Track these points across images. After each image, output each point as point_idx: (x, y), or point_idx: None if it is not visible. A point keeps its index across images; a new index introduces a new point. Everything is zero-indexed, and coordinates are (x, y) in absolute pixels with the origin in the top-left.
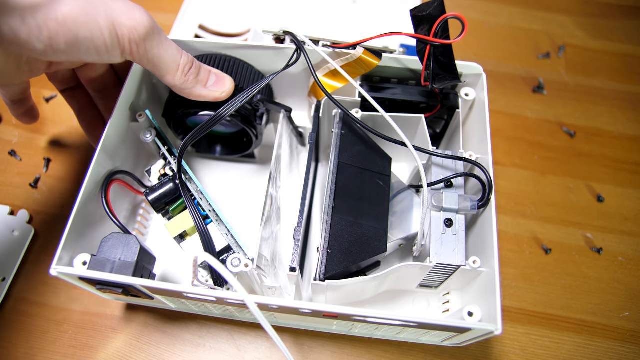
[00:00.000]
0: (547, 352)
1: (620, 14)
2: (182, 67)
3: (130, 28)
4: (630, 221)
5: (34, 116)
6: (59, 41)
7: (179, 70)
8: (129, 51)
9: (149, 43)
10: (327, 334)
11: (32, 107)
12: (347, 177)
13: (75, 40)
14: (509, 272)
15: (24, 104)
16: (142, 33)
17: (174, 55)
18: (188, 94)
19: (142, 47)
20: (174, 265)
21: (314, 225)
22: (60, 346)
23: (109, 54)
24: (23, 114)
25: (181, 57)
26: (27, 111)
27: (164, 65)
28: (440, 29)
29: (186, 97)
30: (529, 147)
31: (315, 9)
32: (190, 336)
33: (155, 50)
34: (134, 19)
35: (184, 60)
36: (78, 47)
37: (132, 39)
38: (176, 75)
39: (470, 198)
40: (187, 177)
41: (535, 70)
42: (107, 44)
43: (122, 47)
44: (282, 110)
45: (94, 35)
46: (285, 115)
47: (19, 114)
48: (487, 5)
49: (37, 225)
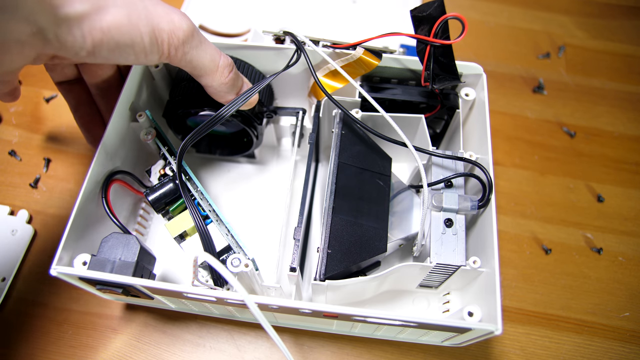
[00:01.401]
0: (547, 352)
1: (620, 14)
2: (221, 69)
3: (169, 32)
4: (630, 221)
5: (16, 96)
6: (102, 49)
7: (218, 71)
8: (167, 54)
9: (187, 46)
10: (327, 334)
11: (16, 87)
12: (347, 177)
13: (117, 47)
14: (509, 272)
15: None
16: (181, 37)
17: (212, 57)
18: (221, 97)
19: (181, 50)
20: (174, 265)
21: (314, 225)
22: (60, 346)
23: (146, 57)
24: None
25: (220, 59)
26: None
27: (202, 66)
28: (440, 29)
29: (218, 100)
30: (529, 147)
31: (315, 9)
32: (190, 336)
33: (193, 52)
34: (172, 22)
35: (223, 62)
36: (119, 52)
37: (171, 44)
38: (215, 76)
39: (470, 198)
40: (187, 177)
41: (535, 70)
42: (146, 49)
43: (161, 51)
44: (300, 111)
45: (135, 42)
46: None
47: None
48: (487, 5)
49: (37, 225)
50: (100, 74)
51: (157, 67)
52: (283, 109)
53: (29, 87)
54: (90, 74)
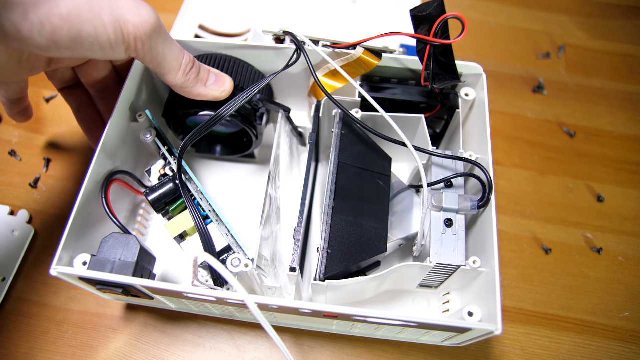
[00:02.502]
0: (547, 352)
1: (620, 14)
2: (184, 67)
3: (136, 25)
4: (630, 221)
5: (29, 116)
6: (62, 36)
7: (181, 69)
8: (133, 48)
9: (154, 41)
10: (327, 334)
11: (27, 106)
12: (347, 177)
13: (79, 36)
14: (509, 272)
15: (20, 103)
16: (148, 30)
17: (177, 55)
18: (188, 93)
19: (147, 44)
20: (174, 265)
21: (314, 225)
22: (60, 346)
23: (112, 50)
24: (18, 113)
25: (184, 57)
26: (22, 110)
27: (167, 64)
28: (440, 29)
29: (186, 96)
30: (529, 147)
31: (315, 9)
32: (190, 336)
33: (159, 48)
34: (140, 16)
35: (186, 59)
36: (82, 43)
37: (137, 36)
38: (178, 74)
39: (470, 198)
40: (187, 177)
41: (535, 70)
42: (111, 40)
43: (127, 43)
44: (280, 110)
45: (98, 32)
46: (283, 115)
47: (14, 112)
48: (487, 5)
49: (37, 225)
50: (94, 75)
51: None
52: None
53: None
54: (85, 76)
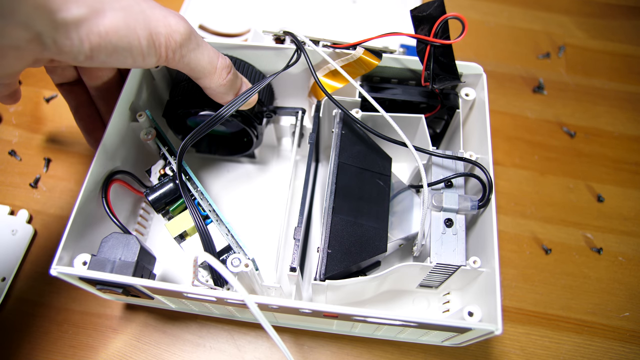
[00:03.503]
0: (547, 352)
1: (620, 14)
2: (219, 71)
3: (166, 36)
4: (630, 221)
5: (17, 98)
6: (100, 53)
7: (216, 73)
8: (164, 58)
9: (185, 49)
10: (327, 334)
11: (16, 89)
12: (347, 177)
13: (115, 51)
14: (509, 272)
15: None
16: (178, 40)
17: (210, 59)
18: (220, 98)
19: (179, 53)
20: (174, 265)
21: (314, 225)
22: (60, 346)
23: (144, 60)
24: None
25: (218, 60)
26: (11, 93)
27: (200, 69)
28: (440, 29)
29: (217, 100)
30: (529, 147)
31: (315, 9)
32: (190, 336)
33: (191, 55)
34: (169, 26)
35: (221, 63)
36: (117, 57)
37: (168, 47)
38: (213, 78)
39: (470, 198)
40: (187, 177)
41: (535, 70)
42: (144, 52)
43: (159, 54)
44: (299, 111)
45: (133, 46)
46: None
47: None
48: (487, 5)
49: (37, 225)
50: (100, 75)
51: (157, 68)
52: (283, 109)
53: (29, 87)
54: (89, 76)
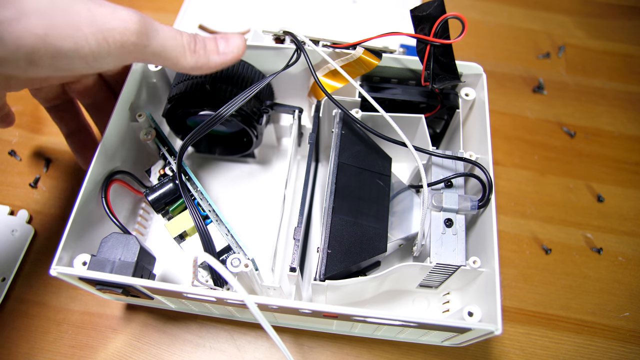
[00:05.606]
0: (547, 352)
1: (620, 14)
2: (187, 46)
3: (121, 31)
4: (630, 221)
5: (10, 122)
6: (42, 56)
7: (186, 50)
8: (127, 52)
9: (145, 37)
10: (327, 334)
11: (8, 112)
12: (347, 177)
13: (59, 53)
14: (509, 272)
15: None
16: (134, 30)
17: (175, 38)
18: (208, 69)
19: (140, 44)
20: (174, 265)
21: (314, 225)
22: (60, 346)
23: (97, 61)
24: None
25: (182, 37)
26: (2, 117)
27: (170, 52)
28: (440, 28)
29: (207, 72)
30: (529, 147)
31: (315, 9)
32: (190, 336)
33: (153, 42)
34: (121, 19)
35: (186, 38)
36: (65, 60)
37: (126, 41)
38: (186, 56)
39: (470, 198)
40: (187, 177)
41: (535, 70)
42: (94, 52)
43: (118, 52)
44: (296, 110)
45: (79, 46)
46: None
47: None
48: (487, 5)
49: (37, 225)
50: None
51: (157, 68)
52: (280, 106)
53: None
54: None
